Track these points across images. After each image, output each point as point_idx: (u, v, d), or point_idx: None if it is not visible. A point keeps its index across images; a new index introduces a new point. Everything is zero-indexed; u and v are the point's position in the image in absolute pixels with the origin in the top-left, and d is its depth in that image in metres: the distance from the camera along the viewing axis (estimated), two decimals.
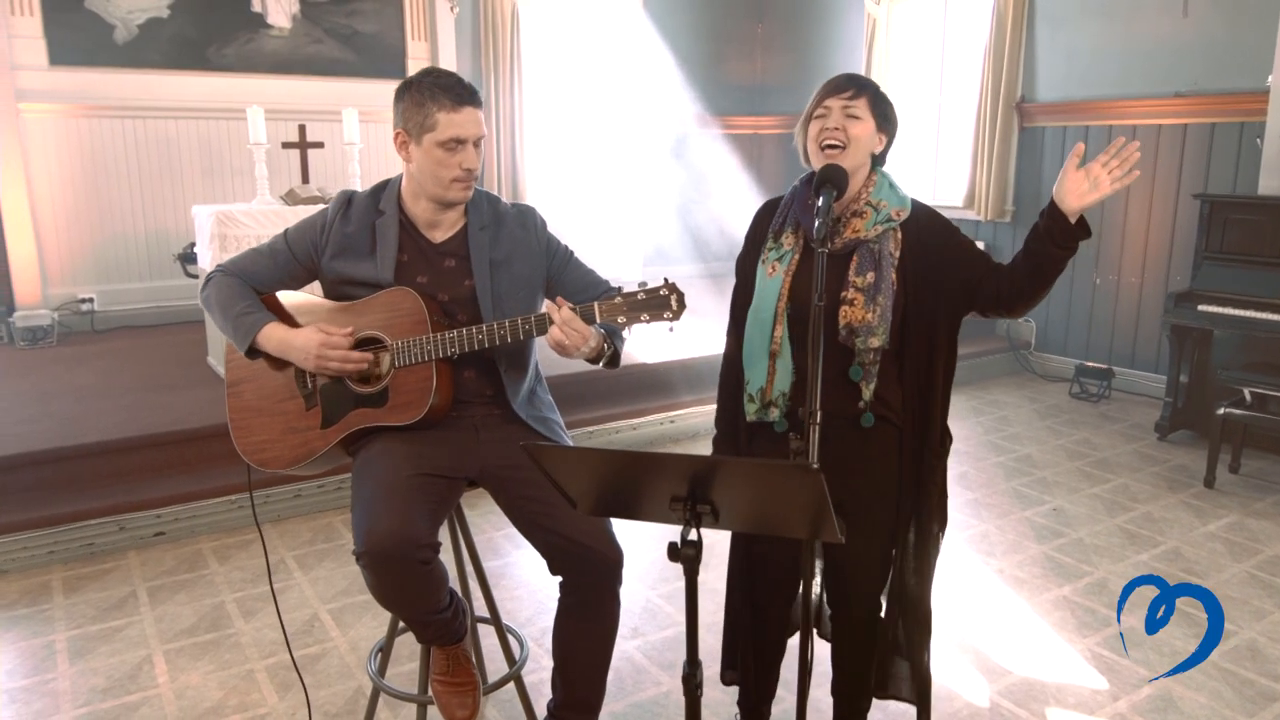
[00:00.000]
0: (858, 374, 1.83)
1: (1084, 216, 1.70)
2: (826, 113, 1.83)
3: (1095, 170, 1.66)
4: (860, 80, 1.86)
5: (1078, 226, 1.70)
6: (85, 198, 5.39)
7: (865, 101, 1.83)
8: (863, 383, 1.84)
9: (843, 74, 1.88)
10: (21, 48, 5.08)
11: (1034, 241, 1.74)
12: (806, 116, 1.88)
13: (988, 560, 3.30)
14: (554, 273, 2.07)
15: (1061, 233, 1.70)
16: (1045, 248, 1.72)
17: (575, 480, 1.50)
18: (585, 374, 4.49)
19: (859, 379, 1.83)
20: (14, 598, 3.01)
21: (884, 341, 1.82)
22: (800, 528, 1.48)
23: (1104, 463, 4.31)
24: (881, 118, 1.86)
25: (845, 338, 1.81)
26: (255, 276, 2.01)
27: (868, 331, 1.80)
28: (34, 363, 4.76)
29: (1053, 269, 1.74)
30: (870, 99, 1.84)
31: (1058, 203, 1.69)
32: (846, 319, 1.81)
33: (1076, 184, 1.67)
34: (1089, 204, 1.67)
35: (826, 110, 1.83)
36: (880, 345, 1.82)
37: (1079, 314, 5.73)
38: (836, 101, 1.83)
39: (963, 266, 1.85)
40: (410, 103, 1.90)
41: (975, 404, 5.31)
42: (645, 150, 7.28)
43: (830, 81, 1.86)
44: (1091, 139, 5.54)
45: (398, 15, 6.20)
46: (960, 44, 6.39)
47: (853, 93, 1.83)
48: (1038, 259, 1.74)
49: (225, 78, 5.63)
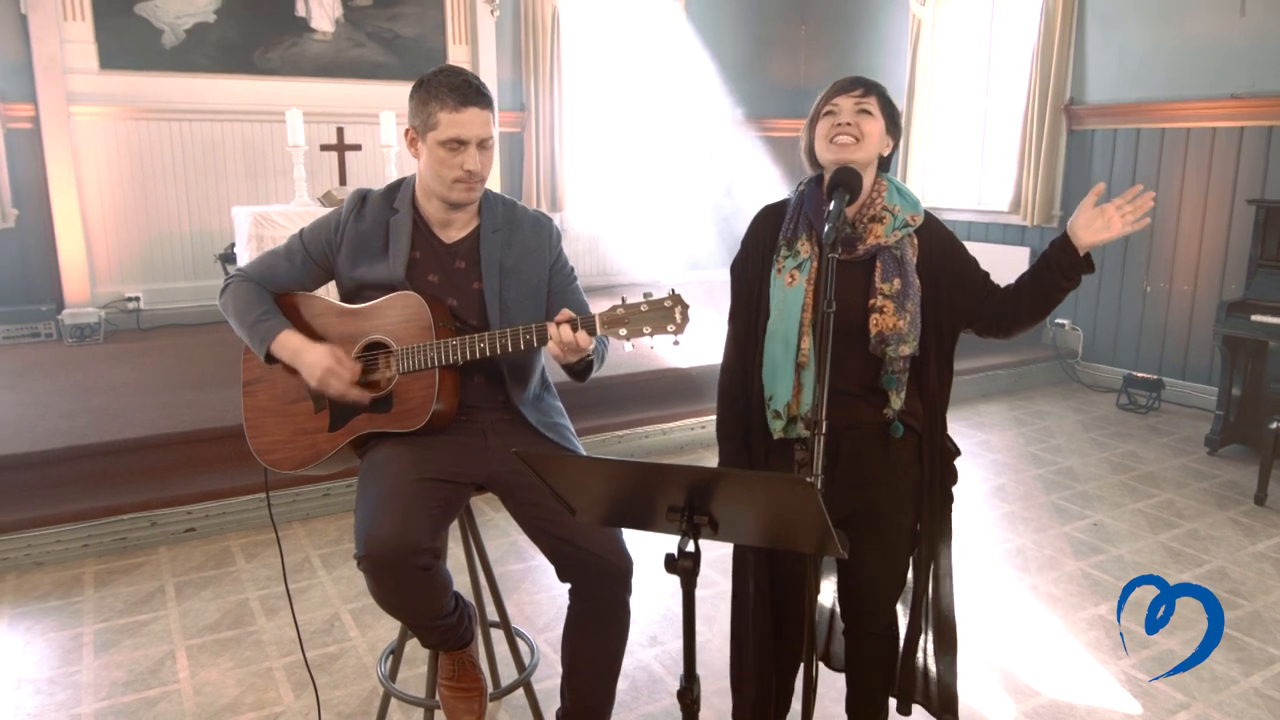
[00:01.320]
0: (891, 383, 1.78)
1: (1090, 252, 1.74)
2: (837, 109, 1.79)
3: (1110, 211, 1.70)
4: (869, 81, 1.82)
5: (1084, 260, 1.73)
6: (132, 198, 5.52)
7: (875, 100, 1.79)
8: (893, 391, 1.79)
9: (850, 75, 1.84)
10: (73, 52, 5.22)
11: (1042, 269, 1.78)
12: (814, 116, 1.84)
13: (1021, 576, 3.20)
14: (553, 288, 2.04)
15: (1070, 265, 1.73)
16: (1053, 277, 1.76)
17: (572, 488, 1.47)
18: (615, 379, 4.48)
19: (892, 388, 1.79)
20: (47, 589, 3.07)
21: (914, 348, 1.78)
22: (799, 542, 1.43)
23: (1150, 477, 4.16)
24: (890, 119, 1.83)
25: (875, 346, 1.77)
26: (273, 279, 2.02)
27: (899, 339, 1.76)
28: (80, 359, 4.87)
29: (1057, 297, 1.78)
30: (880, 99, 1.80)
31: (1070, 236, 1.73)
32: (878, 327, 1.76)
33: (1091, 220, 1.71)
34: (1099, 241, 1.71)
35: (836, 107, 1.80)
36: (911, 352, 1.78)
37: (1128, 322, 5.56)
38: (847, 100, 1.79)
39: (967, 282, 1.85)
40: (418, 100, 1.89)
41: (1017, 414, 5.17)
42: (685, 154, 7.25)
43: (838, 81, 1.83)
44: (1143, 142, 5.38)
45: (439, 19, 6.25)
46: (1007, 45, 6.24)
47: (863, 91, 1.79)
48: (1044, 286, 1.78)
49: (269, 81, 5.72)
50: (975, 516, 3.72)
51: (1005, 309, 1.82)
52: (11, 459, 3.35)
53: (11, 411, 3.84)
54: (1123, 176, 5.51)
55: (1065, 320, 5.89)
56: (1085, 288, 5.76)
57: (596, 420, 4.30)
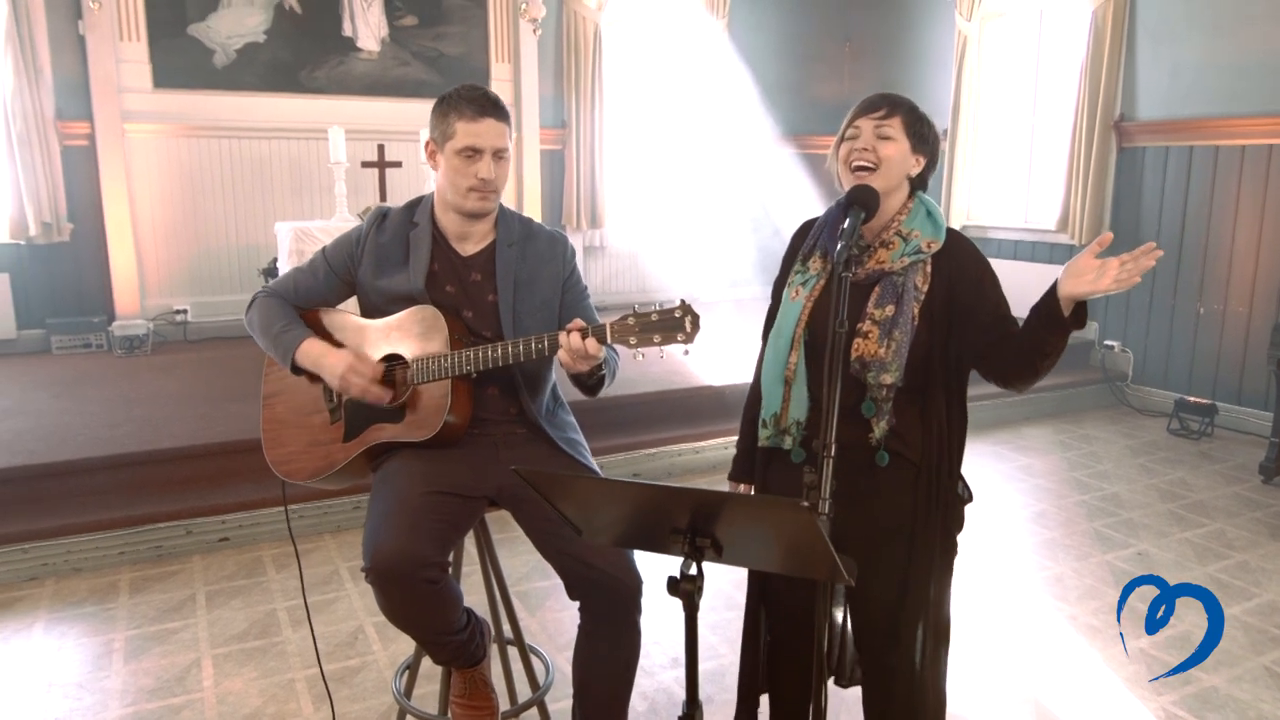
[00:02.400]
0: (870, 410, 1.73)
1: (1082, 309, 1.58)
2: (857, 133, 1.75)
3: (1110, 265, 1.52)
4: (894, 99, 1.76)
5: (1070, 317, 1.57)
6: (182, 214, 5.66)
7: (899, 121, 1.74)
8: (875, 419, 1.73)
9: (878, 93, 1.79)
10: (128, 71, 5.38)
11: (1030, 317, 1.64)
12: (840, 137, 1.80)
13: (1060, 605, 3.09)
14: (565, 303, 2.06)
15: (1049, 314, 1.58)
16: (1036, 326, 1.62)
17: (575, 508, 1.45)
18: (649, 395, 4.46)
19: (871, 415, 1.73)
20: (83, 595, 3.13)
21: (897, 379, 1.71)
22: (804, 568, 1.40)
23: (1200, 505, 4.01)
24: (917, 138, 1.76)
25: (857, 371, 1.72)
26: (298, 294, 2.06)
27: (880, 367, 1.70)
28: (127, 369, 4.99)
29: (1044, 349, 1.62)
30: (905, 118, 1.75)
31: (1058, 283, 1.57)
32: (859, 351, 1.71)
33: (1084, 270, 1.53)
34: (1083, 293, 1.53)
35: (858, 130, 1.75)
36: (893, 382, 1.72)
37: (1180, 345, 5.39)
38: (868, 122, 1.74)
39: (981, 319, 1.73)
40: (439, 113, 1.94)
41: (1063, 438, 5.04)
42: (725, 171, 7.23)
43: (864, 100, 1.78)
44: (1196, 159, 5.23)
45: (482, 37, 6.33)
46: (1055, 60, 6.13)
47: (885, 111, 1.74)
48: (1032, 335, 1.63)
49: (315, 99, 5.84)
50: (1014, 543, 3.62)
51: (1001, 354, 1.71)
52: (55, 466, 3.43)
53: (58, 420, 3.95)
54: (1175, 195, 5.36)
55: (1115, 342, 5.73)
56: (1135, 309, 5.61)
57: (629, 438, 4.28)
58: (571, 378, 1.89)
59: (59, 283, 5.45)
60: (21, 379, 4.74)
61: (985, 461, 4.63)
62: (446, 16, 6.21)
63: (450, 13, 6.22)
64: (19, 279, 5.32)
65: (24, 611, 3.02)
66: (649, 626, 1.99)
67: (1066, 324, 1.57)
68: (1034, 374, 1.69)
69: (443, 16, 6.20)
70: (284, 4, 5.75)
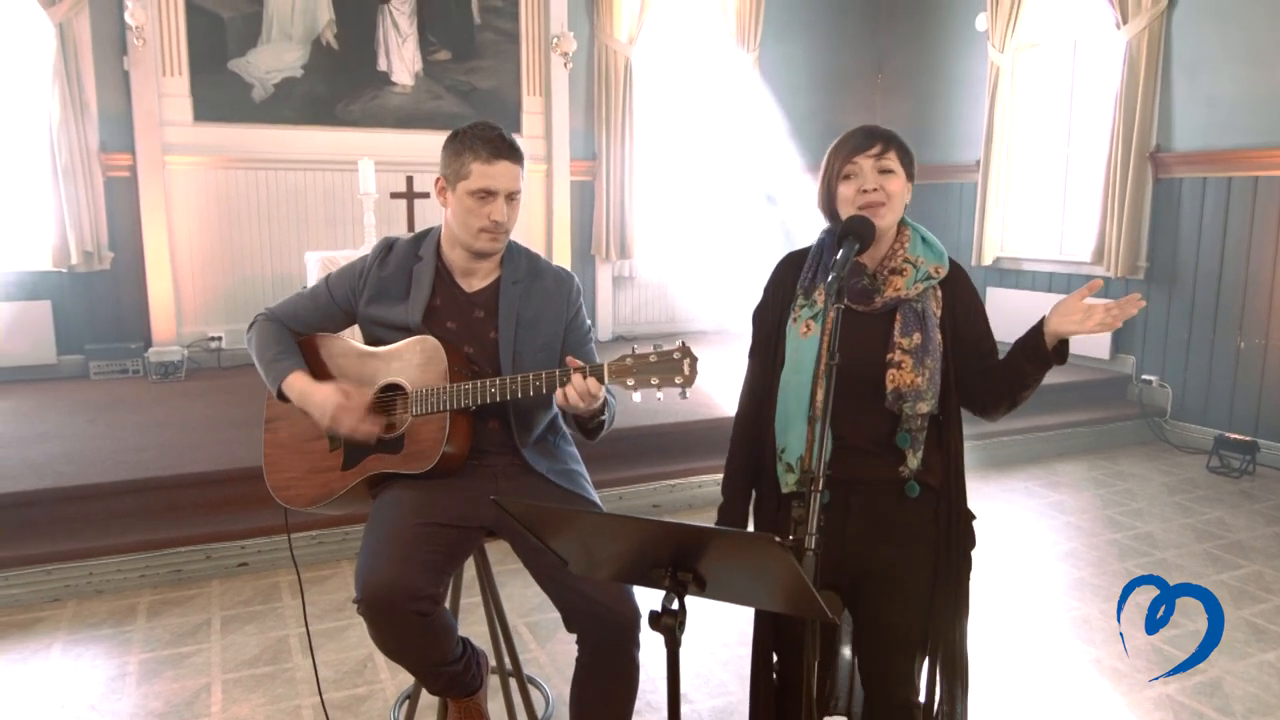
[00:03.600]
0: (905, 441, 1.71)
1: (1065, 346, 1.65)
2: (858, 170, 1.74)
3: (1097, 308, 1.60)
4: (885, 133, 1.76)
5: (1053, 352, 1.65)
6: (219, 243, 5.79)
7: (894, 154, 1.74)
8: (909, 450, 1.71)
9: (861, 127, 1.79)
10: (170, 105, 5.54)
11: (1013, 348, 1.71)
12: (834, 175, 1.78)
13: (1085, 648, 3.00)
14: (568, 344, 2.05)
15: (1033, 347, 1.66)
16: (1019, 359, 1.69)
17: (556, 539, 1.43)
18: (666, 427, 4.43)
19: (906, 446, 1.71)
20: (102, 618, 3.17)
21: (933, 407, 1.70)
22: (784, 604, 1.36)
23: (1237, 546, 3.88)
24: (909, 167, 1.77)
25: (892, 403, 1.70)
26: (297, 319, 2.07)
27: (916, 396, 1.68)
28: (161, 395, 5.09)
29: (1023, 381, 1.70)
30: (898, 150, 1.75)
31: (1046, 320, 1.65)
32: (895, 383, 1.69)
33: (1072, 310, 1.62)
34: (1068, 331, 1.62)
35: (857, 169, 1.74)
36: (929, 410, 1.70)
37: (1220, 380, 5.25)
38: (867, 160, 1.73)
39: (976, 348, 1.76)
40: (451, 151, 1.94)
41: (1097, 474, 4.91)
42: (754, 202, 7.22)
43: (852, 136, 1.77)
44: (1235, 191, 5.12)
45: (514, 72, 6.43)
46: (1089, 91, 6.06)
47: (881, 147, 1.73)
48: (1012, 367, 1.71)
49: (350, 132, 5.95)
50: (1041, 582, 3.52)
51: (983, 383, 1.75)
52: (80, 489, 3.49)
53: (88, 444, 4.03)
54: (1213, 226, 5.24)
55: (1153, 376, 5.60)
56: (1174, 342, 5.48)
57: (652, 468, 4.26)
58: (573, 420, 1.88)
59: (98, 310, 5.58)
60: (58, 404, 4.85)
61: (1016, 498, 4.53)
62: (480, 51, 6.32)
63: (483, 48, 6.33)
64: (60, 306, 5.47)
65: (44, 632, 3.06)
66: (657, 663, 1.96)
67: (1049, 358, 1.64)
68: (1012, 405, 1.74)
69: (476, 51, 6.31)
70: (321, 40, 5.90)
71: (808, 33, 7.27)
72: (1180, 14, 5.33)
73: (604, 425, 1.92)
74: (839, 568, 1.74)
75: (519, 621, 3.15)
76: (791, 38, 7.18)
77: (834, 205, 1.79)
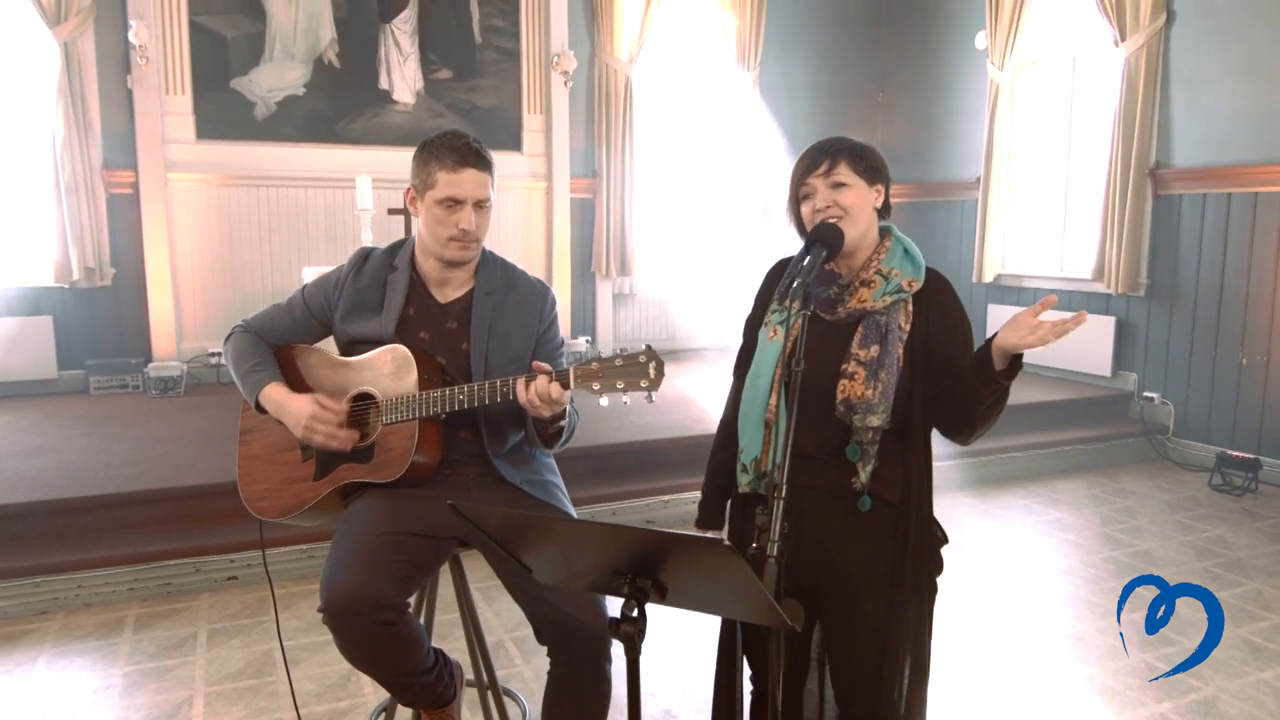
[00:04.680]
0: (855, 453, 1.69)
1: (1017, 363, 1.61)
2: (811, 191, 1.74)
3: (1044, 325, 1.56)
4: (830, 148, 1.74)
5: (1004, 371, 1.60)
6: (219, 259, 5.82)
7: (845, 165, 1.72)
8: (860, 463, 1.69)
9: (812, 146, 1.77)
10: (173, 123, 5.60)
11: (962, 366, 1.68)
12: (794, 197, 1.78)
13: (1078, 665, 2.95)
14: (538, 356, 2.02)
15: (979, 360, 1.62)
16: (968, 379, 1.65)
17: (515, 543, 1.42)
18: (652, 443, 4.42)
19: (856, 459, 1.69)
20: (88, 630, 3.16)
21: (884, 421, 1.67)
22: (746, 610, 1.35)
23: (1237, 564, 3.83)
24: (870, 173, 1.75)
25: (843, 413, 1.68)
26: (273, 331, 2.08)
27: (867, 409, 1.66)
28: (158, 410, 5.10)
29: (972, 398, 1.64)
30: (848, 161, 1.72)
31: (997, 335, 1.61)
32: (845, 393, 1.67)
33: (1022, 325, 1.58)
34: (1012, 346, 1.58)
35: (811, 189, 1.74)
36: (880, 425, 1.68)
37: (1223, 397, 5.20)
38: (817, 180, 1.72)
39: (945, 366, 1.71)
40: (419, 161, 1.94)
41: (1097, 491, 4.86)
42: (754, 221, 7.23)
43: (802, 158, 1.77)
44: (1235, 207, 5.09)
45: (515, 90, 6.47)
46: (1088, 108, 6.06)
47: (828, 164, 1.72)
48: (964, 383, 1.66)
49: (351, 149, 6.00)
50: (1036, 599, 3.48)
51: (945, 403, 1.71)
52: (70, 502, 3.50)
53: (82, 458, 4.04)
54: (1214, 242, 5.21)
55: (1155, 394, 5.55)
56: (1176, 359, 5.44)
57: (638, 485, 4.24)
58: (531, 426, 1.87)
59: (99, 325, 5.62)
60: (57, 418, 4.87)
61: (1014, 515, 4.48)
62: (480, 70, 6.37)
63: (484, 66, 6.38)
64: (61, 321, 5.50)
65: (30, 645, 3.06)
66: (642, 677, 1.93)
67: (995, 375, 1.59)
68: (970, 429, 1.69)
69: (477, 70, 6.36)
70: (324, 59, 5.95)
71: (808, 51, 7.30)
72: (1179, 30, 5.33)
73: (562, 433, 1.91)
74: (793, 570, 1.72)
75: (505, 637, 3.12)
76: (792, 57, 7.22)
77: (803, 225, 1.79)
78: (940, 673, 2.88)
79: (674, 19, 6.83)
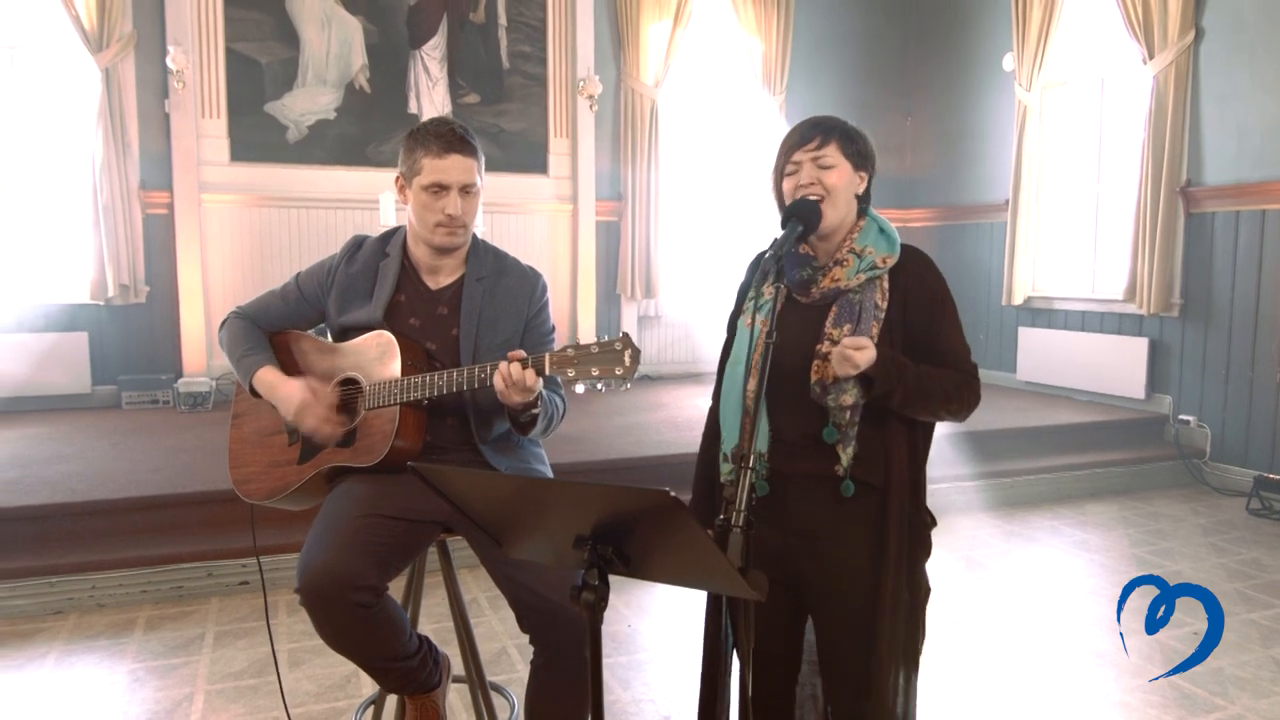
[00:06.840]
0: (832, 435, 1.65)
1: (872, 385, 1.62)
2: (797, 168, 1.71)
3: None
4: (825, 125, 1.72)
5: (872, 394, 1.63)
6: (250, 278, 5.94)
7: (835, 146, 1.70)
8: (839, 446, 1.65)
9: (806, 120, 1.75)
10: (208, 146, 5.76)
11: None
12: (778, 172, 1.77)
13: (1100, 684, 2.85)
14: (526, 342, 2.03)
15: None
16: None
17: (476, 510, 1.41)
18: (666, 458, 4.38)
19: (834, 441, 1.65)
20: (99, 630, 3.20)
21: (857, 398, 1.64)
22: (710, 580, 1.32)
23: (1271, 586, 3.68)
24: (857, 157, 1.73)
25: (818, 395, 1.65)
26: (267, 317, 2.11)
27: (839, 389, 1.63)
28: (185, 423, 5.19)
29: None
30: (839, 142, 1.71)
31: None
32: (819, 374, 1.64)
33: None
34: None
35: (797, 165, 1.72)
36: (854, 402, 1.64)
37: (1261, 419, 5.04)
38: (804, 155, 1.71)
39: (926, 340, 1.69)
40: (406, 148, 1.97)
41: (1126, 514, 4.72)
42: None
43: (794, 131, 1.75)
44: (1269, 223, 4.98)
45: (542, 114, 6.56)
46: (1118, 127, 5.98)
47: (819, 141, 1.70)
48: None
49: (380, 171, 6.11)
50: (1057, 618, 3.37)
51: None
52: (88, 505, 3.56)
53: (106, 465, 4.11)
54: (1248, 260, 5.09)
55: (1190, 416, 5.40)
56: (1212, 381, 5.29)
57: None
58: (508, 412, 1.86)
59: (133, 342, 5.75)
60: (87, 430, 4.97)
61: (1039, 535, 4.37)
62: (508, 94, 6.47)
63: (511, 90, 6.48)
64: (96, 337, 5.64)
65: (42, 642, 3.10)
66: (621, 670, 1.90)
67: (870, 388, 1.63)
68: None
69: (504, 94, 6.46)
70: (355, 83, 6.10)
71: (835, 76, 7.32)
72: (1208, 47, 5.25)
73: (537, 421, 1.89)
74: (781, 560, 1.69)
75: (509, 643, 3.10)
76: (819, 80, 7.24)
77: (784, 199, 1.77)
78: (960, 687, 2.81)
79: (700, 44, 6.90)
